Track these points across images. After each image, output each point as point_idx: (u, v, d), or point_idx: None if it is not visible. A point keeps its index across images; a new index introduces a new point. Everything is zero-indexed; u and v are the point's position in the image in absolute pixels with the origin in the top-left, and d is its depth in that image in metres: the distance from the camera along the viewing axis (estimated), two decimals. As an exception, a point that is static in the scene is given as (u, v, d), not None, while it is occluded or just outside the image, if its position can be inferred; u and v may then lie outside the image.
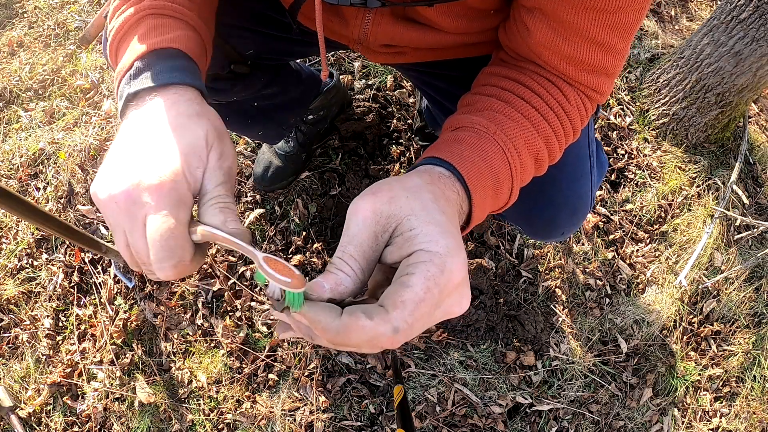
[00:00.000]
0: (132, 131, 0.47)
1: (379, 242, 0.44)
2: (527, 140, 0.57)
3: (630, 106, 1.79)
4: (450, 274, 0.41)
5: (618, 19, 0.56)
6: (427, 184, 0.47)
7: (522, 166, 0.57)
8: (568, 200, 0.82)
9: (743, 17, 1.44)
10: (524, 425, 1.39)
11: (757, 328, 1.59)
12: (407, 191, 0.45)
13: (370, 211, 0.43)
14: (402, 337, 0.40)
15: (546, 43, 0.59)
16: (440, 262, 0.41)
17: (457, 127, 0.58)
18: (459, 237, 0.44)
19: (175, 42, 0.53)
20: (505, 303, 1.46)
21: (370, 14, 0.71)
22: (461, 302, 0.44)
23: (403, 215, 0.43)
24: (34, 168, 1.63)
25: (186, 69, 0.52)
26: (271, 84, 1.08)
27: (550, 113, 0.60)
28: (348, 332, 0.39)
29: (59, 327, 1.45)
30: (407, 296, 0.40)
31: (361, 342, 0.40)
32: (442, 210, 0.45)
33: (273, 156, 1.47)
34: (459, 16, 0.68)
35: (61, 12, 1.94)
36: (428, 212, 0.44)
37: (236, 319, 1.41)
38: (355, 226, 0.44)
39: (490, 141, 0.55)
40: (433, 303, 0.40)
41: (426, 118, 1.51)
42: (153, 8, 0.55)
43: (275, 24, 0.86)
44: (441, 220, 0.44)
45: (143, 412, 1.36)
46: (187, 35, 0.56)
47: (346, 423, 1.34)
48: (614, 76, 0.63)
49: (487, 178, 0.53)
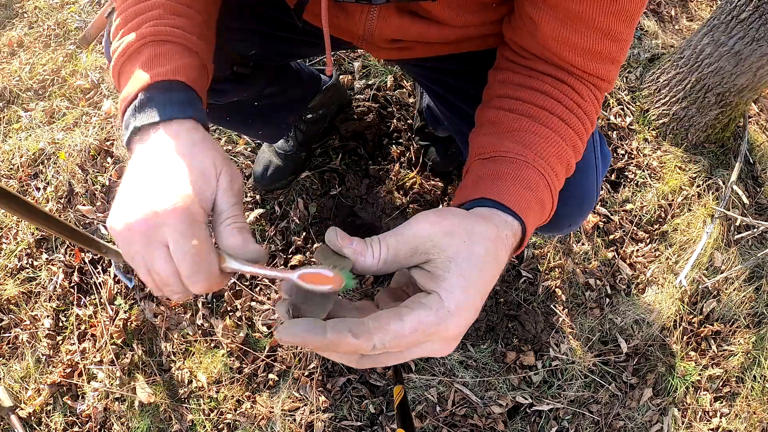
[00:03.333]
0: (141, 164, 0.50)
1: (414, 258, 0.46)
2: (559, 155, 0.59)
3: (630, 106, 1.79)
4: (444, 330, 0.44)
5: (621, 6, 0.57)
6: (488, 240, 0.47)
7: (558, 180, 0.60)
8: (575, 192, 0.83)
9: (743, 17, 1.44)
10: (524, 425, 1.39)
11: (757, 328, 1.59)
12: (468, 236, 0.46)
13: (427, 231, 0.46)
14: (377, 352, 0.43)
15: (554, 35, 0.60)
16: (443, 316, 0.43)
17: (492, 156, 0.59)
18: (480, 297, 0.46)
19: (176, 73, 0.55)
20: (505, 303, 1.46)
21: (375, 9, 0.72)
22: (444, 351, 0.46)
23: (448, 255, 0.45)
24: (34, 168, 1.63)
25: (187, 102, 0.54)
26: (272, 84, 1.08)
27: (571, 117, 0.61)
28: (335, 346, 0.42)
29: (59, 327, 1.45)
30: (394, 327, 0.42)
31: (343, 349, 0.42)
32: (484, 267, 0.46)
33: (273, 155, 1.47)
34: (462, 9, 0.69)
35: (61, 12, 1.94)
36: (470, 265, 0.45)
37: (236, 319, 1.41)
38: (408, 231, 0.46)
39: (531, 170, 0.56)
40: (413, 342, 0.43)
41: (426, 118, 1.51)
42: (154, 35, 0.57)
43: (278, 24, 0.87)
44: (474, 277, 0.45)
45: (143, 412, 1.36)
46: (189, 63, 0.57)
47: (346, 423, 1.34)
48: (620, 63, 0.64)
49: (536, 207, 0.55)
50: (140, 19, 0.58)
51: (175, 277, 0.47)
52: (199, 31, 0.62)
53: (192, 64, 0.58)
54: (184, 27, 0.59)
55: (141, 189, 0.47)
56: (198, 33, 0.61)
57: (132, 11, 0.59)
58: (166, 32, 0.57)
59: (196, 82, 0.57)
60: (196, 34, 0.60)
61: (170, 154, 0.49)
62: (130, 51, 0.57)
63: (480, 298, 0.46)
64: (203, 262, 0.46)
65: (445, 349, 0.46)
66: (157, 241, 0.45)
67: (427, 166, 1.54)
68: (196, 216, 0.46)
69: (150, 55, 0.56)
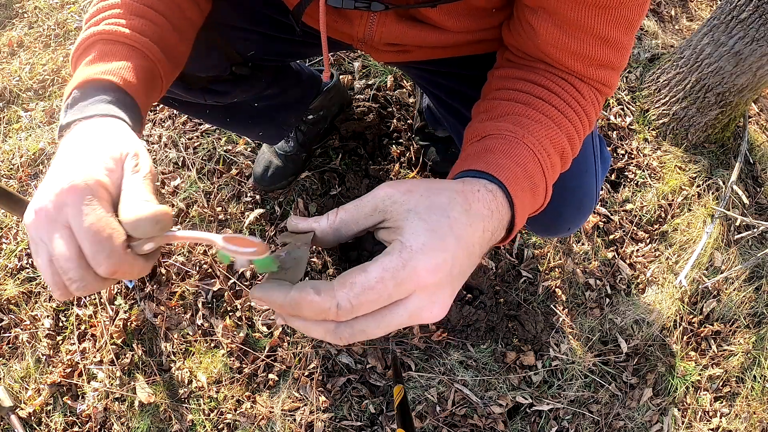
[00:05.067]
0: (56, 157, 0.49)
1: (373, 217, 0.45)
2: (553, 139, 0.58)
3: (630, 106, 1.79)
4: (413, 271, 0.40)
5: (621, 14, 0.57)
6: (452, 191, 0.46)
7: (552, 165, 0.58)
8: (574, 195, 0.83)
9: (743, 17, 1.44)
10: (524, 425, 1.39)
11: (757, 328, 1.59)
12: (428, 191, 0.45)
13: (386, 192, 0.45)
14: (345, 314, 0.39)
15: (552, 41, 0.60)
16: (407, 256, 0.40)
17: (483, 136, 0.58)
18: (454, 240, 0.43)
19: (111, 74, 0.55)
20: (505, 303, 1.46)
21: (375, 15, 0.72)
22: (432, 308, 0.42)
23: (407, 207, 0.44)
24: (34, 168, 1.63)
25: (114, 103, 0.54)
26: (272, 85, 1.08)
27: (568, 110, 0.60)
28: (299, 306, 0.40)
29: (59, 327, 1.45)
30: (358, 279, 0.40)
31: (311, 315, 0.40)
32: (450, 214, 0.44)
33: (273, 156, 1.47)
34: (462, 15, 0.69)
35: (61, 12, 1.94)
36: (431, 210, 0.43)
37: (236, 319, 1.41)
38: (367, 195, 0.46)
39: (521, 146, 0.55)
40: (384, 295, 0.40)
41: (426, 118, 1.51)
42: (105, 33, 0.58)
43: (277, 25, 0.86)
44: (440, 221, 0.43)
45: (143, 412, 1.36)
46: (132, 65, 0.57)
47: (346, 423, 1.34)
48: (620, 69, 0.64)
49: (525, 183, 0.53)
50: (101, 16, 0.60)
51: (76, 260, 0.42)
52: (159, 34, 0.62)
53: (138, 65, 0.58)
54: (142, 29, 0.60)
55: (49, 178, 0.46)
56: (156, 36, 0.62)
57: (99, 6, 0.61)
58: (118, 33, 0.58)
59: (138, 84, 0.57)
60: (151, 38, 0.61)
61: (79, 142, 0.48)
62: (82, 47, 0.59)
63: (453, 241, 0.43)
64: (104, 239, 0.42)
65: (430, 305, 0.42)
66: (59, 223, 0.43)
67: (427, 166, 1.54)
68: (95, 192, 0.43)
69: (96, 54, 0.57)
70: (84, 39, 0.58)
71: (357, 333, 0.41)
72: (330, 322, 0.41)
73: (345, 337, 0.41)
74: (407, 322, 0.42)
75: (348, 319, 0.40)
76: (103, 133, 0.49)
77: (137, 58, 0.58)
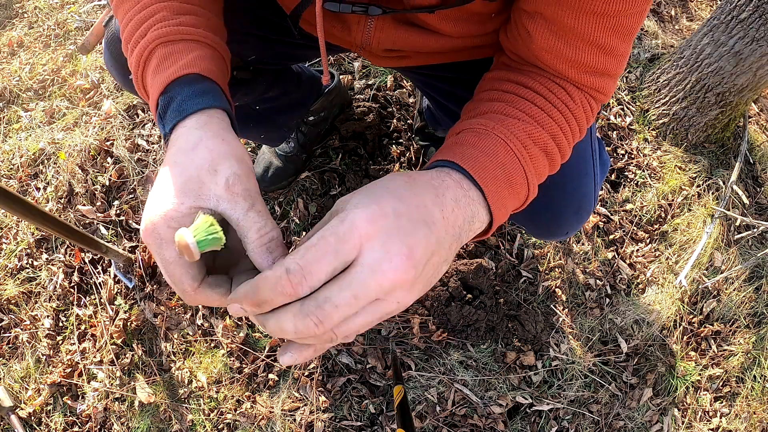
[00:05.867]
0: (162, 170, 0.50)
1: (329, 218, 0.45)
2: (531, 134, 0.57)
3: (630, 106, 1.79)
4: (351, 223, 0.40)
5: (618, 22, 0.56)
6: (404, 175, 0.47)
7: (532, 158, 0.57)
8: (573, 199, 0.82)
9: (743, 17, 1.44)
10: (524, 425, 1.39)
11: (757, 328, 1.59)
12: (377, 180, 0.47)
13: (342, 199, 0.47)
14: (297, 277, 0.39)
15: (548, 47, 0.59)
16: (343, 216, 0.41)
17: (458, 132, 0.59)
18: (390, 197, 0.43)
19: (190, 67, 0.54)
20: (505, 303, 1.46)
21: (372, 20, 0.72)
22: (391, 258, 0.39)
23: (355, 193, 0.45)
24: (34, 168, 1.63)
25: (204, 93, 0.53)
26: (273, 88, 1.08)
27: (554, 111, 0.60)
28: (258, 289, 0.40)
29: (59, 327, 1.45)
30: (302, 244, 0.41)
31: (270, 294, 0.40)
32: (389, 185, 0.45)
33: (273, 156, 1.47)
34: (460, 21, 0.69)
35: (61, 12, 1.94)
36: (376, 184, 0.45)
37: (236, 319, 1.41)
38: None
39: (491, 137, 0.55)
40: (329, 249, 0.39)
41: (426, 118, 1.51)
42: (160, 37, 0.56)
43: (277, 28, 0.86)
44: (374, 186, 0.44)
45: (143, 412, 1.36)
46: (201, 54, 0.56)
47: (346, 423, 1.34)
48: (617, 77, 0.63)
49: (496, 171, 0.53)
50: (145, 26, 0.58)
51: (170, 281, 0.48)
52: (208, 24, 0.61)
53: (204, 55, 0.57)
54: (191, 23, 0.59)
55: (149, 199, 0.48)
56: (207, 26, 0.60)
57: (137, 19, 0.58)
58: (173, 32, 0.57)
59: (215, 70, 0.57)
60: (204, 27, 0.60)
61: (170, 161, 0.48)
62: (142, 61, 0.57)
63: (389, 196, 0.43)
64: (176, 284, 0.47)
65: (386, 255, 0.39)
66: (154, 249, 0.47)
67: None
68: (162, 236, 0.45)
69: (160, 58, 0.55)
70: (140, 53, 0.57)
71: (323, 304, 0.39)
72: (294, 303, 0.40)
73: (312, 310, 0.39)
74: (373, 282, 0.39)
75: (305, 289, 0.39)
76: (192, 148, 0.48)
77: (201, 49, 0.57)
